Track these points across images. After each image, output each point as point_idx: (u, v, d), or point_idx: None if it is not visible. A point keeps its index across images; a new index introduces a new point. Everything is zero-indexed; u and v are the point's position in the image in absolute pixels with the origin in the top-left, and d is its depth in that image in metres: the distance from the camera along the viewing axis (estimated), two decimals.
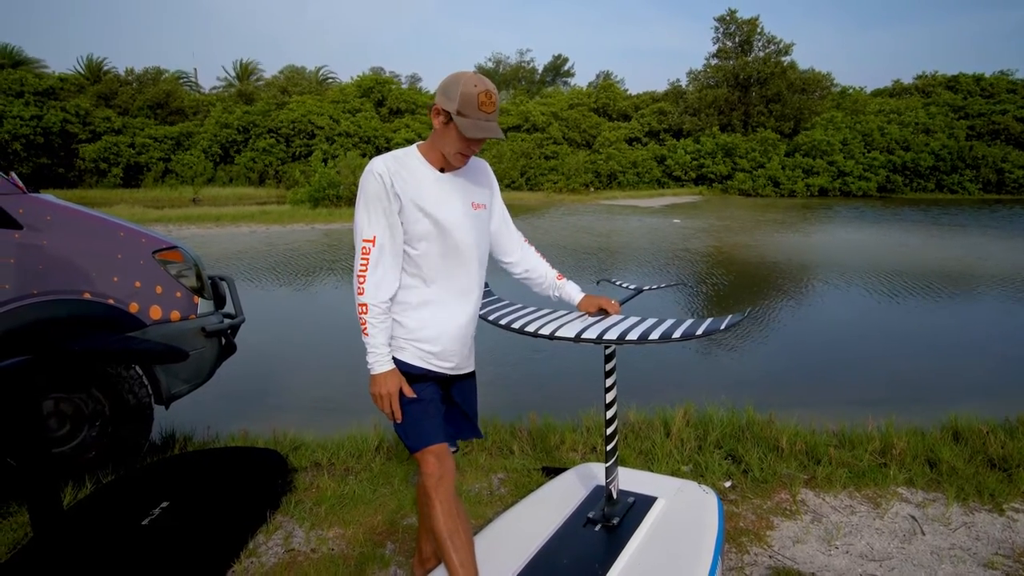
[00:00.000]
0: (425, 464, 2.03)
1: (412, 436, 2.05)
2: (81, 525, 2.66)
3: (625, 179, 33.82)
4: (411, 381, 2.06)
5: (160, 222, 18.59)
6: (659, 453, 3.56)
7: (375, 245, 1.95)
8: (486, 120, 1.89)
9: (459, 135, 1.91)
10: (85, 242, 3.23)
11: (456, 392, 2.23)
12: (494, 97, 1.90)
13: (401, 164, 1.99)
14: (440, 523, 2.00)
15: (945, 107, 36.47)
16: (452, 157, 1.97)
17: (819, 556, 2.70)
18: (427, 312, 2.05)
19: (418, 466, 2.05)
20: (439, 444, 2.05)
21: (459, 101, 1.87)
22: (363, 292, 1.97)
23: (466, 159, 2.00)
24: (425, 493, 2.04)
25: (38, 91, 33.35)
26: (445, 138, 1.95)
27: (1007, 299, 9.65)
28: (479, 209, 2.10)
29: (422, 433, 2.04)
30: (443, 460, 2.04)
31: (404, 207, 1.96)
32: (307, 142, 34.14)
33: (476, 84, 1.88)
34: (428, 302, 2.05)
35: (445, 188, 2.02)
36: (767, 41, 35.61)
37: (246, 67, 47.05)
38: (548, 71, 58.58)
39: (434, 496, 2.01)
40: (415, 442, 2.04)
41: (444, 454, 2.05)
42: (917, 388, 5.74)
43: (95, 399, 3.30)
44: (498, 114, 1.95)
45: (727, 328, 2.21)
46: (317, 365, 6.49)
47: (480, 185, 2.14)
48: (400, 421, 2.05)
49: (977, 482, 3.26)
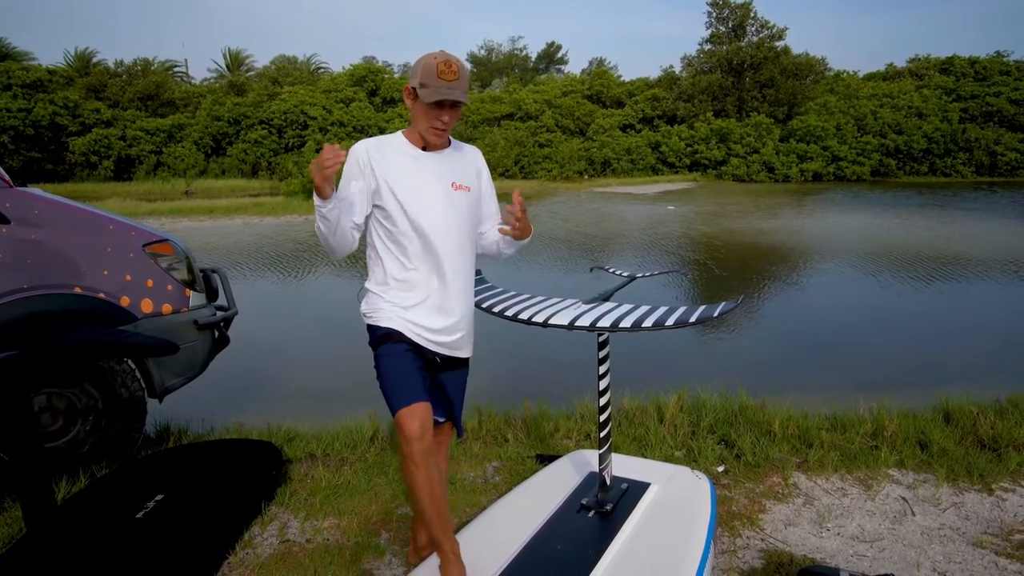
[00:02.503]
0: (404, 425, 1.95)
1: (393, 395, 2.01)
2: (75, 519, 2.66)
3: (619, 166, 33.72)
4: (394, 339, 2.07)
5: (152, 215, 18.46)
6: (653, 439, 3.58)
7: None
8: (447, 87, 1.95)
9: (424, 107, 1.99)
10: (74, 236, 3.21)
11: (444, 378, 2.24)
12: (454, 66, 1.96)
13: (384, 144, 2.08)
14: (421, 489, 1.97)
15: (938, 90, 36.41)
16: (427, 133, 2.03)
17: (811, 538, 2.72)
18: (411, 291, 2.09)
19: (397, 427, 1.99)
20: (420, 403, 1.99)
21: (420, 74, 1.97)
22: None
23: (441, 134, 2.05)
24: (405, 457, 1.98)
25: (26, 84, 32.98)
26: (417, 115, 2.04)
27: (999, 281, 9.69)
28: (460, 190, 2.13)
29: (401, 392, 2.00)
30: (425, 422, 1.97)
31: (379, 186, 2.04)
32: (300, 133, 33.89)
33: (435, 56, 1.97)
34: (410, 281, 2.09)
35: (425, 167, 2.07)
36: (760, 26, 35.44)
37: (237, 57, 46.64)
38: (541, 59, 58.28)
39: (415, 460, 1.95)
40: (395, 400, 1.99)
41: (426, 416, 1.99)
42: (909, 371, 5.77)
43: (88, 393, 3.29)
44: (465, 84, 1.99)
45: (720, 315, 2.22)
46: (311, 356, 6.49)
47: (465, 167, 2.17)
48: (384, 377, 2.04)
49: (967, 463, 3.30)
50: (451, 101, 1.99)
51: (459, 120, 2.14)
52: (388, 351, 2.07)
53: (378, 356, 2.10)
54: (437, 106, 1.99)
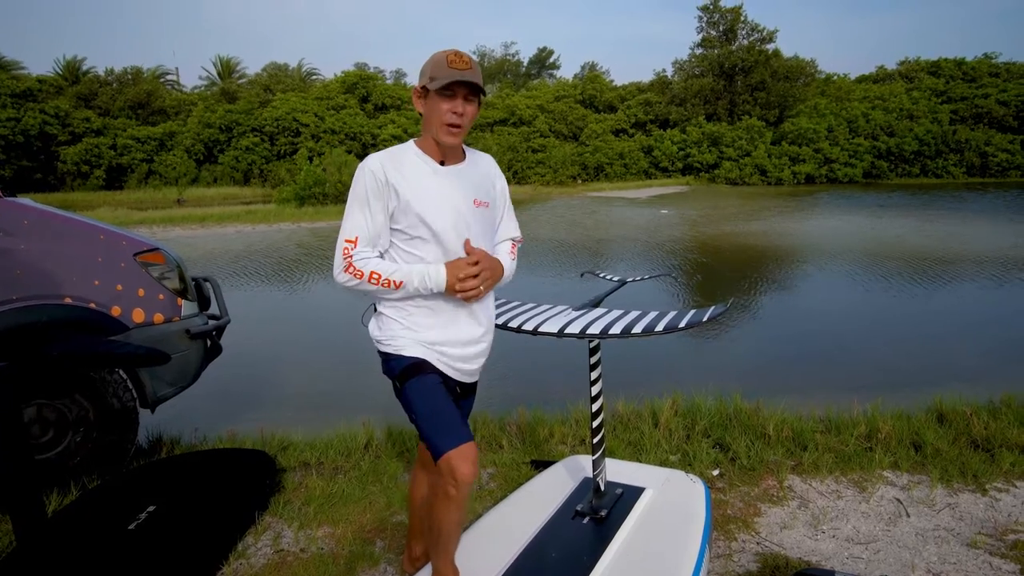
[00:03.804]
0: (457, 470, 1.79)
1: (437, 435, 1.84)
2: (66, 531, 2.64)
3: (612, 171, 33.85)
4: (423, 370, 1.93)
5: (144, 224, 18.41)
6: (648, 443, 3.57)
7: (356, 246, 1.88)
8: (460, 73, 1.80)
9: (437, 102, 1.84)
10: (64, 246, 3.19)
11: (461, 405, 2.09)
12: (465, 57, 1.84)
13: (397, 160, 1.90)
14: (454, 526, 1.92)
15: (928, 92, 36.73)
16: (441, 133, 1.86)
17: (806, 541, 2.72)
18: (434, 316, 1.95)
19: (446, 469, 1.82)
20: (468, 443, 1.83)
21: (429, 70, 1.84)
22: (352, 271, 1.88)
23: (456, 132, 1.87)
24: (451, 500, 1.85)
25: (15, 93, 32.87)
26: (429, 116, 1.87)
27: (992, 282, 9.74)
28: (482, 207, 1.98)
29: (447, 431, 1.85)
30: (475, 463, 1.84)
31: (400, 204, 1.87)
32: (292, 140, 33.90)
33: (443, 52, 1.85)
34: (433, 307, 1.95)
35: (444, 184, 1.91)
36: (751, 29, 35.73)
37: (228, 64, 46.61)
38: (533, 64, 58.48)
39: (461, 504, 1.87)
40: (442, 442, 1.82)
41: (476, 457, 1.86)
42: (902, 372, 5.79)
43: (79, 404, 3.26)
44: (478, 74, 1.85)
45: (710, 319, 2.22)
46: (305, 365, 6.46)
47: (485, 181, 2.03)
48: (421, 413, 1.88)
49: (961, 463, 3.30)
50: (465, 91, 1.84)
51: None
52: (420, 385, 1.90)
53: (407, 389, 1.91)
54: (450, 96, 1.83)
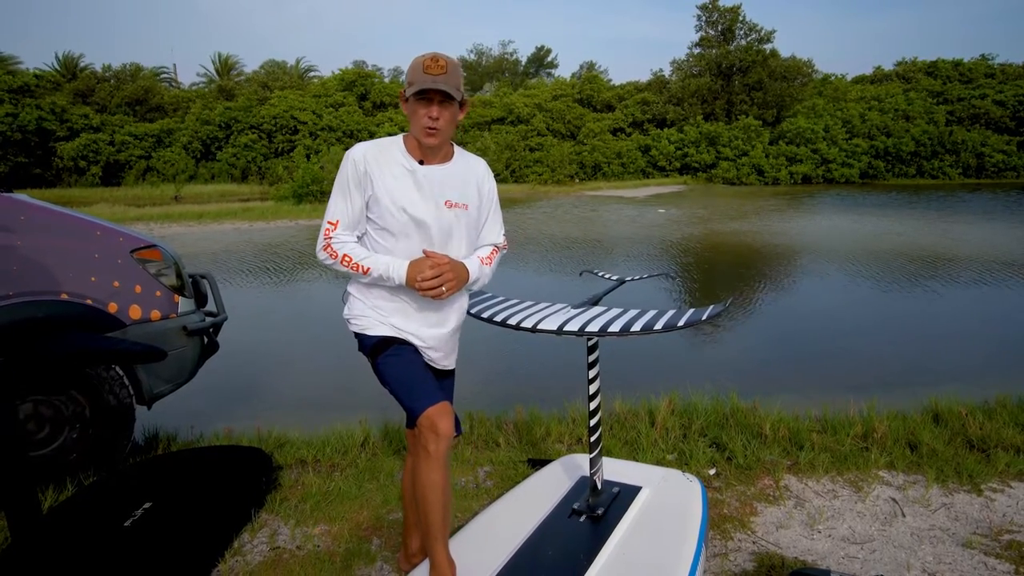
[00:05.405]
0: (437, 423, 1.90)
1: (412, 396, 1.96)
2: (62, 528, 2.63)
3: (610, 170, 33.83)
4: (393, 343, 2.06)
5: (141, 221, 18.36)
6: (644, 442, 3.58)
7: (335, 229, 2.04)
8: (432, 79, 1.91)
9: (415, 106, 1.95)
10: (61, 242, 3.18)
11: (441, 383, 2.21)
12: (441, 61, 1.93)
13: (381, 152, 2.03)
14: (440, 492, 1.95)
15: (924, 93, 36.78)
16: (420, 134, 1.98)
17: (802, 540, 2.73)
18: (394, 303, 2.07)
19: (426, 425, 1.91)
20: (444, 401, 1.96)
21: (409, 75, 1.96)
22: (329, 251, 2.04)
23: (433, 133, 1.96)
24: (432, 457, 1.92)
25: (12, 88, 32.71)
26: (411, 118, 2.00)
27: (988, 282, 9.77)
28: (454, 208, 2.06)
29: (422, 392, 1.96)
30: (452, 420, 1.95)
31: (375, 195, 2.01)
32: (290, 137, 33.79)
33: (422, 55, 1.95)
34: (394, 295, 2.07)
35: (420, 183, 2.02)
36: (749, 29, 35.71)
37: (226, 62, 46.49)
38: (531, 62, 58.42)
39: (442, 461, 1.92)
40: (418, 401, 1.93)
41: (452, 414, 1.98)
42: (898, 372, 5.81)
43: (75, 401, 3.25)
44: (454, 79, 1.94)
45: (708, 318, 2.23)
46: (302, 362, 6.46)
47: (466, 185, 2.10)
48: (395, 382, 2.00)
49: (956, 463, 3.32)
50: (440, 96, 1.93)
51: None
52: (391, 355, 2.03)
53: (379, 362, 2.04)
54: (425, 101, 1.93)
